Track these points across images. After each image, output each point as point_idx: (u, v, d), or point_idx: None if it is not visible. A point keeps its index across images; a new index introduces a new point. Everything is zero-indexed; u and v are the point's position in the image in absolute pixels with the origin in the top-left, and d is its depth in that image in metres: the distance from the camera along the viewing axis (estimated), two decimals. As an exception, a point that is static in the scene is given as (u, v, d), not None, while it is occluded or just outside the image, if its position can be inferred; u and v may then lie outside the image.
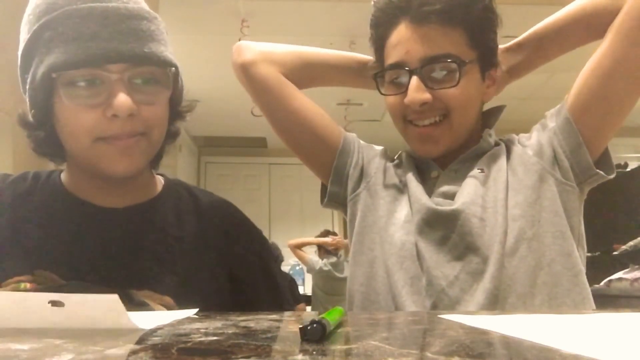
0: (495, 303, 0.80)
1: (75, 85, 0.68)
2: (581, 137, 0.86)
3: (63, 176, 0.80)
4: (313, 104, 1.00)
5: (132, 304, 0.62)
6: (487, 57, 0.90)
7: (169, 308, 0.68)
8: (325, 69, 1.04)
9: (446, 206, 0.88)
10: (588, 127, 0.87)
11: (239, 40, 1.11)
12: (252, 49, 1.00)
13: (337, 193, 1.02)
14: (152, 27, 0.71)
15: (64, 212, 0.75)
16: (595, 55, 0.86)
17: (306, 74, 1.02)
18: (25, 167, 0.85)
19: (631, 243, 2.74)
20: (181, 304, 0.68)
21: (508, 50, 0.97)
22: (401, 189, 0.95)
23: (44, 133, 0.73)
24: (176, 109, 0.79)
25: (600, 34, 0.87)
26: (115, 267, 0.71)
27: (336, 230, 5.42)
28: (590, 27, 0.89)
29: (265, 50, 1.00)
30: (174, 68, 0.73)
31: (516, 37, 0.98)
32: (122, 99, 0.66)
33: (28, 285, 0.64)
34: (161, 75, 0.72)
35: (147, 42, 0.69)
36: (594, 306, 0.87)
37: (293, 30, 3.72)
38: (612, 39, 0.84)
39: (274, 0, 3.41)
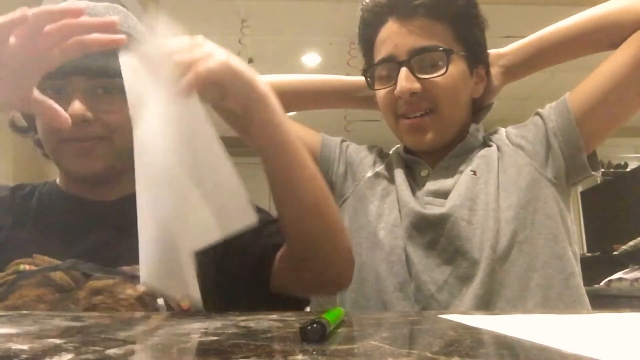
0: (486, 308, 0.80)
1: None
2: (582, 140, 0.86)
3: (58, 179, 0.90)
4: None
5: (126, 279, 0.70)
6: (474, 53, 0.91)
7: None
8: (304, 97, 1.06)
9: (436, 207, 0.88)
10: (590, 131, 0.87)
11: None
12: None
13: None
14: None
15: (58, 207, 0.84)
16: (611, 63, 0.86)
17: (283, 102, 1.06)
18: (25, 172, 0.92)
19: (631, 243, 2.74)
20: None
21: (505, 55, 0.96)
22: (390, 191, 0.95)
23: (37, 135, 0.81)
24: None
25: (616, 44, 0.86)
26: (107, 249, 0.78)
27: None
28: (608, 36, 0.88)
29: None
30: None
31: (516, 37, 0.98)
32: (74, 106, 0.75)
33: (27, 266, 0.72)
34: (122, 86, 0.81)
35: (107, 57, 0.76)
36: (589, 307, 0.87)
37: (293, 30, 3.72)
38: (635, 49, 0.83)
39: (274, 0, 3.41)
